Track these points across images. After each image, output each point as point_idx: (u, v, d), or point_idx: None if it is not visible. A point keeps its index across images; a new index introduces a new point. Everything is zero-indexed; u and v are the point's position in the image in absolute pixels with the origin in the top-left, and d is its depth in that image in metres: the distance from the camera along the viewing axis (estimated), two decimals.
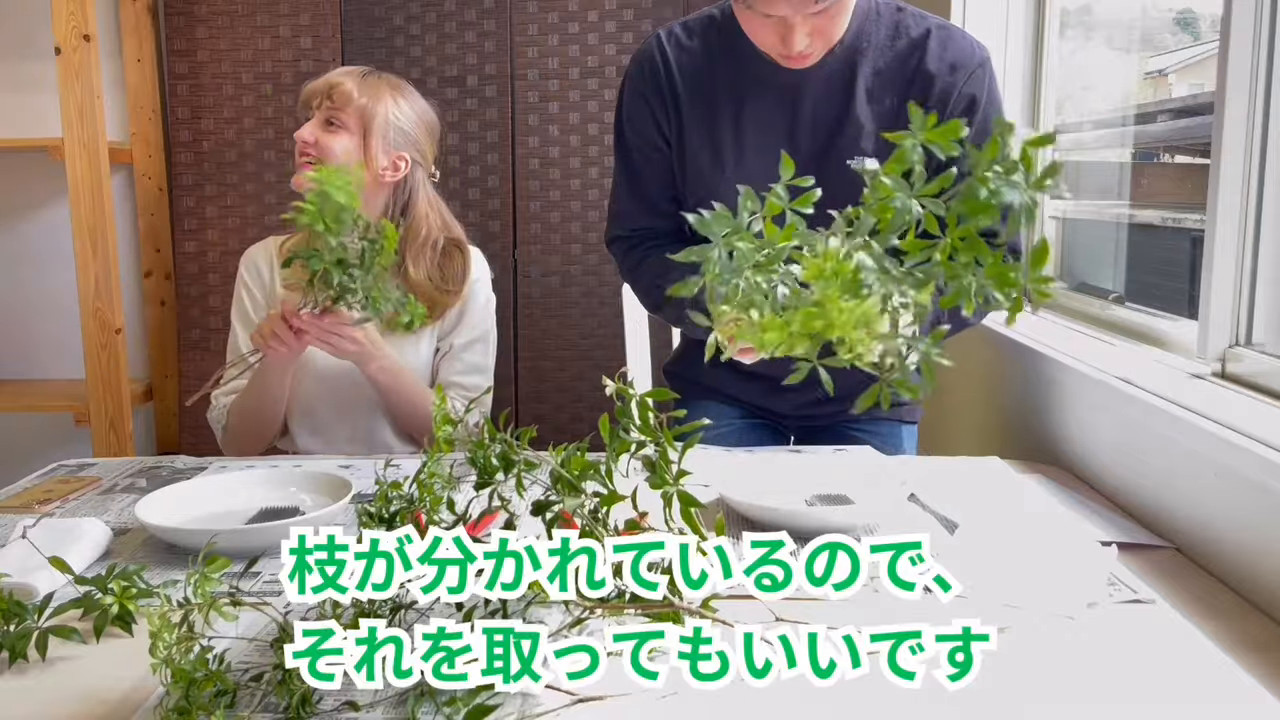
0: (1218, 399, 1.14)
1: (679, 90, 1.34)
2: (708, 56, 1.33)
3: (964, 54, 1.30)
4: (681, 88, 1.34)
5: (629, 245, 1.50)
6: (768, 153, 1.32)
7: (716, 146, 1.35)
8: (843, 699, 0.76)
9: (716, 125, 1.34)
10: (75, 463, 1.47)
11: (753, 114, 1.33)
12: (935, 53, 1.29)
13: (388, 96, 1.57)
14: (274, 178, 2.77)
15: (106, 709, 0.77)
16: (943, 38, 1.31)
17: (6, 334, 2.88)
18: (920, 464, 1.41)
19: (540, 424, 2.82)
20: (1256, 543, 0.99)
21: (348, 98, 1.54)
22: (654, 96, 1.36)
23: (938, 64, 1.28)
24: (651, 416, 0.80)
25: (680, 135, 1.37)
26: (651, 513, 0.83)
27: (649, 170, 1.43)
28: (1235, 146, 1.19)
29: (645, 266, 1.46)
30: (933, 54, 1.28)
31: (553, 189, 2.84)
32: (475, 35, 2.79)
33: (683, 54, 1.35)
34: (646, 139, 1.40)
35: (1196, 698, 0.79)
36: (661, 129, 1.38)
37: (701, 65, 1.34)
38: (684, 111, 1.35)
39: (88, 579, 0.89)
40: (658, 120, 1.37)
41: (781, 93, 1.31)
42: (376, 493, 0.87)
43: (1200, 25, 1.67)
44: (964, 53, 1.30)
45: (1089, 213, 1.95)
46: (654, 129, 1.38)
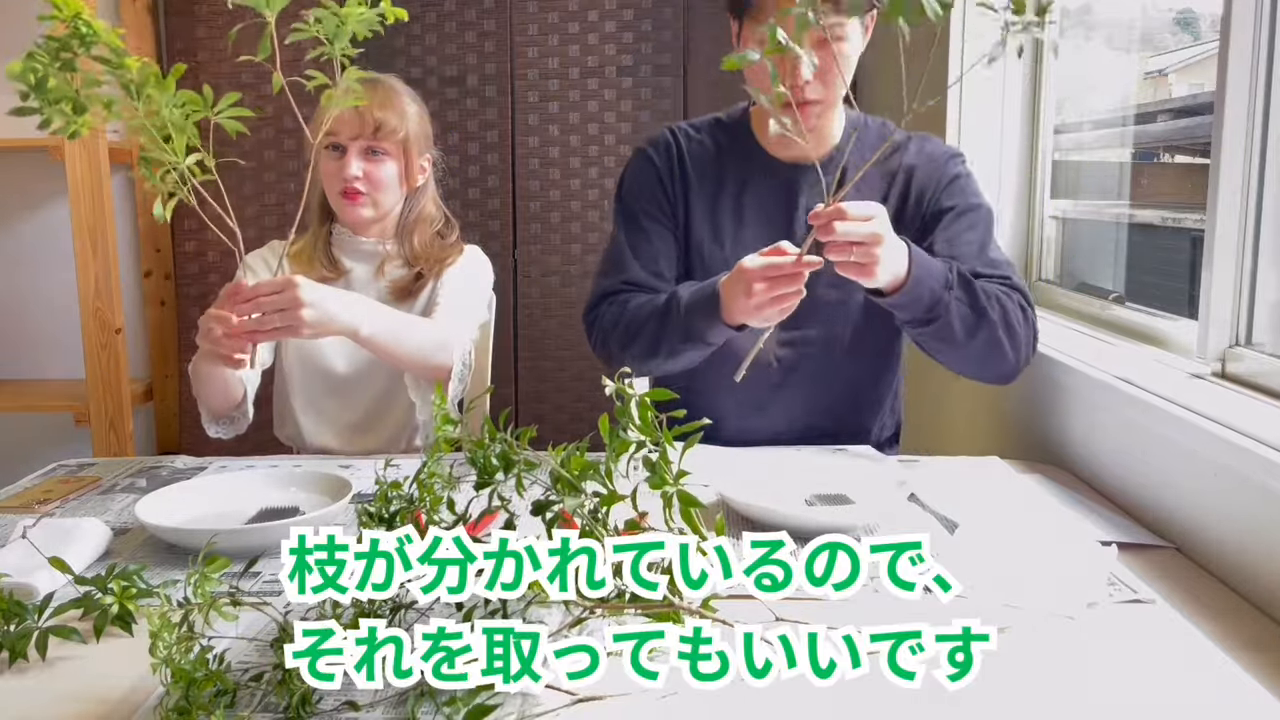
0: (1218, 399, 1.14)
1: (689, 172, 1.48)
2: (715, 148, 1.49)
3: (940, 149, 1.48)
4: (691, 170, 1.48)
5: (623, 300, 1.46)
6: (763, 236, 1.40)
7: (717, 225, 1.47)
8: (843, 699, 0.76)
9: (719, 206, 1.46)
10: (75, 463, 1.47)
11: (753, 200, 1.46)
12: (914, 150, 1.46)
13: (409, 109, 1.59)
14: (274, 177, 2.77)
15: (106, 709, 0.77)
16: (920, 140, 1.48)
17: (6, 334, 2.88)
18: (920, 464, 1.41)
19: (540, 424, 2.82)
20: (1256, 543, 0.99)
21: (391, 130, 1.54)
22: (666, 174, 1.49)
23: (916, 157, 1.45)
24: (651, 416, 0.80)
25: (687, 213, 1.49)
26: (651, 513, 0.83)
27: (655, 232, 1.50)
28: (1235, 146, 1.19)
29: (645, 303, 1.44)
30: (912, 152, 1.46)
31: (553, 189, 2.84)
32: (475, 35, 2.79)
33: (692, 143, 1.50)
34: (657, 206, 1.50)
35: (1196, 698, 0.79)
36: (671, 203, 1.50)
37: (709, 154, 1.49)
38: (691, 192, 1.48)
39: (88, 579, 0.90)
40: (668, 194, 1.49)
41: (780, 183, 1.46)
42: (376, 493, 0.87)
43: (1200, 25, 1.67)
44: (940, 149, 1.48)
45: (1089, 213, 1.95)
46: (665, 199, 1.49)
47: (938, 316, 1.27)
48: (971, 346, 1.30)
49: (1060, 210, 1.99)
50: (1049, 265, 2.00)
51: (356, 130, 1.53)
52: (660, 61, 2.80)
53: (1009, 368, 1.35)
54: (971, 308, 1.28)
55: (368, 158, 1.55)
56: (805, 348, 1.48)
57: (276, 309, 1.26)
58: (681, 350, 1.38)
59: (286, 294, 1.26)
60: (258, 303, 1.25)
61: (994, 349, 1.31)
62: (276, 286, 1.26)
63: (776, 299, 1.19)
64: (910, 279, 1.23)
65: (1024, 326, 1.33)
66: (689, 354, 1.39)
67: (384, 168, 1.56)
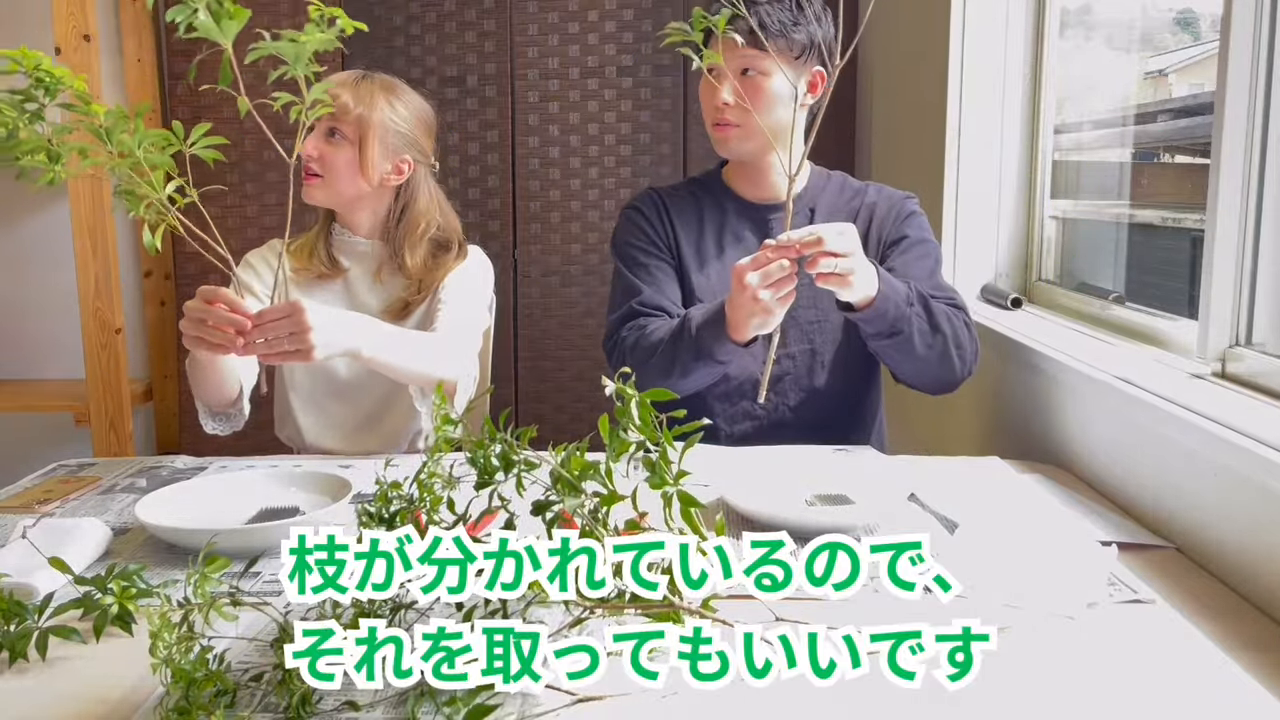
0: (1218, 399, 1.14)
1: (673, 219, 1.64)
2: (694, 200, 1.67)
3: (897, 192, 1.64)
4: (675, 218, 1.64)
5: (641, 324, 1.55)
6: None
7: (703, 260, 1.62)
8: (843, 699, 0.76)
9: (703, 244, 1.62)
10: (75, 463, 1.47)
11: (731, 236, 1.62)
12: (874, 192, 1.64)
13: (382, 102, 1.57)
14: (275, 177, 2.77)
15: (106, 709, 0.77)
16: (878, 187, 1.65)
17: (6, 334, 2.88)
18: (920, 464, 1.41)
19: (540, 424, 2.82)
20: (1256, 543, 0.99)
21: (345, 109, 1.54)
22: (655, 221, 1.64)
23: (877, 196, 1.63)
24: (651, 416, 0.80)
25: (678, 252, 1.63)
26: (651, 513, 0.83)
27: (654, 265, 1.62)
28: (1235, 146, 1.19)
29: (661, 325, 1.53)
30: (872, 193, 1.63)
31: (553, 189, 2.84)
32: (475, 35, 2.79)
33: (673, 198, 1.67)
34: (651, 245, 1.63)
35: (1196, 698, 0.79)
36: (665, 242, 1.64)
37: (690, 203, 1.66)
38: (678, 235, 1.63)
39: (88, 579, 0.89)
40: (661, 236, 1.64)
41: (755, 223, 1.62)
42: (376, 493, 0.87)
43: (1200, 25, 1.67)
44: (897, 192, 1.64)
45: (1089, 213, 1.95)
46: (658, 239, 1.64)
47: (900, 330, 1.41)
48: (928, 357, 1.44)
49: (1060, 210, 1.99)
50: (1049, 265, 2.00)
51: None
52: (660, 61, 2.80)
53: (955, 378, 1.49)
54: (929, 323, 1.43)
55: (326, 139, 1.55)
56: (788, 362, 1.58)
57: (286, 333, 1.26)
58: (693, 368, 1.46)
59: (294, 318, 1.26)
60: (264, 328, 1.26)
61: (945, 360, 1.45)
62: (282, 312, 1.26)
63: (774, 285, 1.30)
64: (879, 295, 1.37)
65: (969, 341, 1.49)
66: (700, 372, 1.47)
67: (339, 152, 1.55)
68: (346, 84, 1.56)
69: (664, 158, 2.83)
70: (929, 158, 2.13)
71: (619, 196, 2.83)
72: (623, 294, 1.62)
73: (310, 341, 1.26)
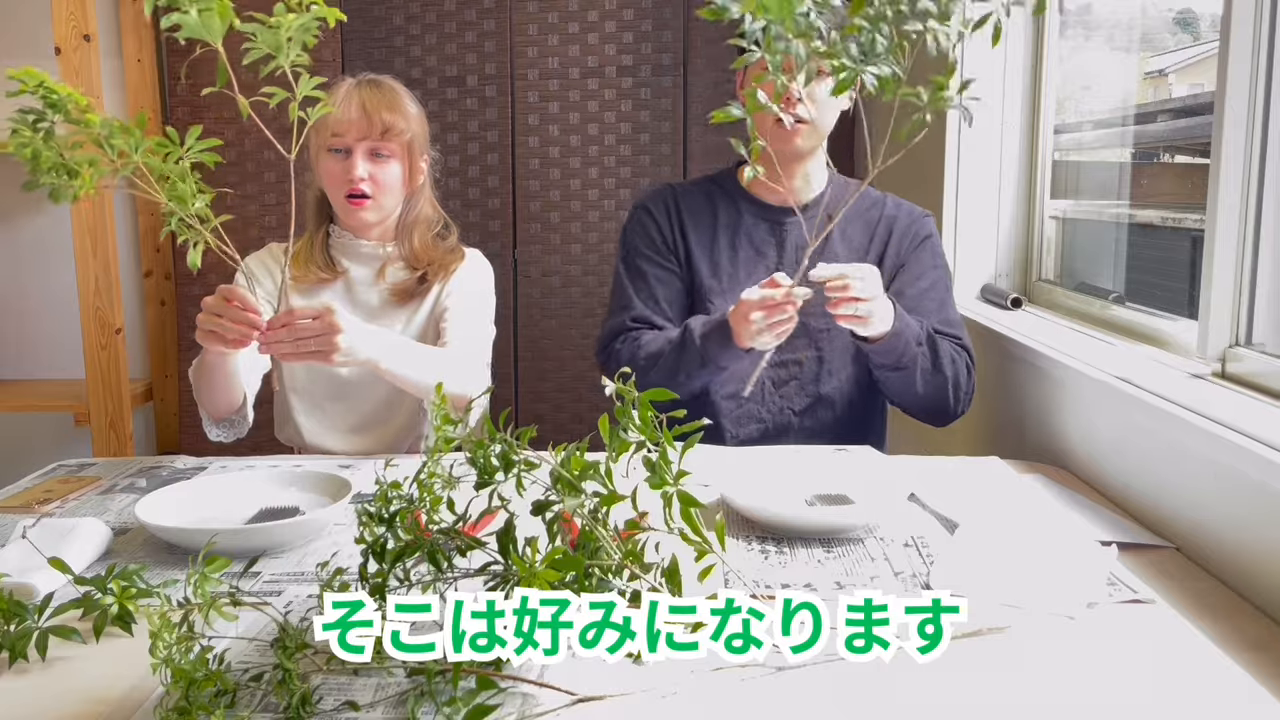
0: (1218, 399, 1.14)
1: (685, 220, 1.63)
2: (708, 198, 1.64)
3: (915, 207, 1.65)
4: (688, 219, 1.63)
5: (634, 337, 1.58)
6: (756, 268, 1.59)
7: (715, 263, 1.61)
8: (843, 699, 0.76)
9: (716, 246, 1.61)
10: (75, 463, 1.47)
11: (745, 239, 1.61)
12: (892, 204, 1.64)
13: (411, 109, 1.58)
14: (274, 178, 2.77)
15: (106, 709, 0.77)
16: (896, 201, 1.65)
17: (6, 334, 2.88)
18: (920, 464, 1.41)
19: (540, 424, 2.82)
20: (1256, 543, 0.99)
21: (395, 129, 1.54)
22: (664, 223, 1.63)
23: (896, 210, 1.64)
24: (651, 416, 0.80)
25: (688, 255, 1.62)
26: (651, 513, 0.83)
27: (653, 274, 1.62)
28: (1235, 146, 1.19)
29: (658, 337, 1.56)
30: (890, 207, 1.64)
31: (553, 189, 2.84)
32: (475, 35, 2.79)
33: (687, 195, 1.65)
34: (655, 251, 1.63)
35: (1196, 698, 0.79)
36: (671, 248, 1.63)
37: (703, 203, 1.64)
38: (690, 237, 1.62)
39: (88, 579, 0.89)
40: (667, 241, 1.63)
41: (771, 225, 1.61)
42: (376, 493, 0.87)
43: (1200, 25, 1.67)
44: (915, 207, 1.65)
45: (1089, 213, 1.95)
46: (663, 245, 1.63)
47: (905, 366, 1.47)
48: (925, 394, 1.50)
49: (1060, 210, 1.99)
50: (1049, 265, 2.00)
51: (363, 132, 1.52)
52: (660, 61, 2.80)
53: (947, 417, 1.54)
54: (933, 364, 1.49)
55: (373, 160, 1.55)
56: (795, 368, 1.60)
57: (314, 334, 1.28)
58: (697, 375, 1.50)
59: (325, 320, 1.29)
60: (293, 328, 1.28)
61: (940, 400, 1.51)
62: (315, 313, 1.29)
63: (772, 325, 1.35)
64: (892, 333, 1.42)
65: (967, 384, 1.54)
66: (701, 377, 1.51)
67: (389, 170, 1.56)
68: (381, 102, 1.54)
69: (664, 158, 2.83)
70: (929, 158, 2.13)
71: (619, 196, 2.83)
72: (618, 305, 1.64)
73: (337, 344, 1.29)
